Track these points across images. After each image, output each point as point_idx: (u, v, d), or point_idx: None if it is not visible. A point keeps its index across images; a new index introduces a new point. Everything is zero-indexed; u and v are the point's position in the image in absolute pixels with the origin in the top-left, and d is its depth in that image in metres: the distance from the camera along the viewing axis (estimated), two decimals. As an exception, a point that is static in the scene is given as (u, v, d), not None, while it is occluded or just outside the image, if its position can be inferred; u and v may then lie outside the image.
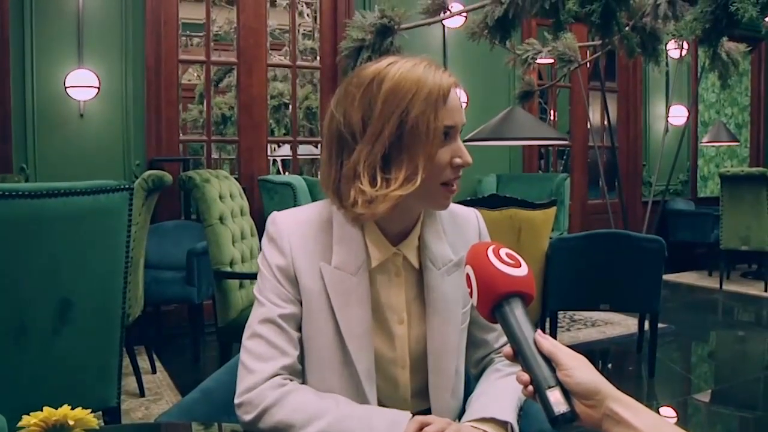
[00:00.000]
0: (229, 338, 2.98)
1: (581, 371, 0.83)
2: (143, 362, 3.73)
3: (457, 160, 1.09)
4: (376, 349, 1.14)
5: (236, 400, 1.08)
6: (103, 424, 2.08)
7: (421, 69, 1.08)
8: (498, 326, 0.91)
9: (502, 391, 1.17)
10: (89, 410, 0.74)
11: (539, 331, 0.88)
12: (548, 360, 0.84)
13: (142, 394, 3.40)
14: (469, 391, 1.29)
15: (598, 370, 0.85)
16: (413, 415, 1.04)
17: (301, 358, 1.14)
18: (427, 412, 1.17)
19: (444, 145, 1.08)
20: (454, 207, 1.24)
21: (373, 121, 1.06)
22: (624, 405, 0.82)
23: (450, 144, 1.09)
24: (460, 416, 1.29)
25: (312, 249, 1.13)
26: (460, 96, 1.12)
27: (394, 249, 1.16)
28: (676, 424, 0.83)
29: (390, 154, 1.06)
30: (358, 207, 1.06)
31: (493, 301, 0.89)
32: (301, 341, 1.13)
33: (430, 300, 1.16)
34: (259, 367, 1.08)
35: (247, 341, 1.11)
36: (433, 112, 1.05)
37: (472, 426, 1.08)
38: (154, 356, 3.87)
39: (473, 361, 1.30)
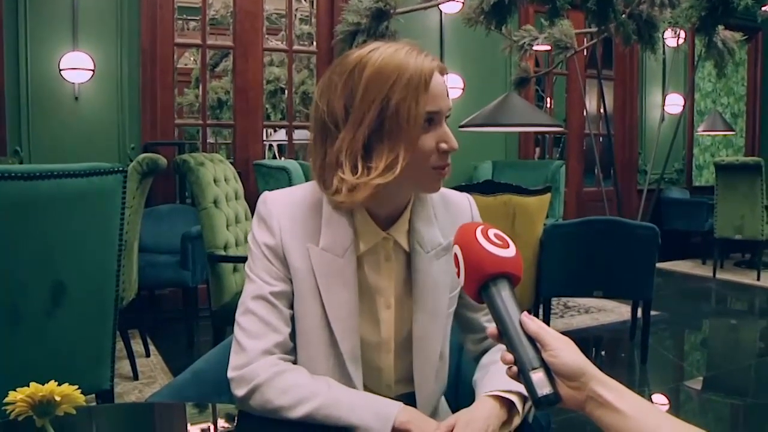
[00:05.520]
0: (223, 322, 2.98)
1: (567, 352, 0.84)
2: (137, 346, 3.73)
3: (443, 146, 1.07)
4: (360, 334, 1.13)
5: (229, 374, 1.08)
6: (95, 405, 2.09)
7: (402, 54, 1.05)
8: None
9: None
10: (76, 387, 0.74)
11: (525, 312, 0.87)
12: (534, 342, 0.85)
13: (135, 377, 3.41)
14: (463, 374, 1.29)
15: (590, 356, 0.86)
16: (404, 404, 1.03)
17: (294, 336, 1.14)
18: (411, 396, 1.18)
19: (428, 131, 1.06)
20: (447, 192, 1.23)
21: (355, 109, 1.04)
22: (608, 387, 0.83)
23: (435, 129, 1.07)
24: (449, 400, 1.30)
25: (301, 230, 1.13)
26: (446, 81, 1.10)
27: (384, 233, 1.14)
28: (668, 410, 0.83)
29: (371, 141, 1.05)
30: (341, 195, 1.05)
31: (480, 281, 0.89)
32: (293, 319, 1.13)
33: (416, 283, 1.15)
34: (251, 344, 1.08)
35: (240, 317, 1.12)
36: (414, 99, 1.03)
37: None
38: (148, 340, 3.88)
39: (474, 340, 1.28)
